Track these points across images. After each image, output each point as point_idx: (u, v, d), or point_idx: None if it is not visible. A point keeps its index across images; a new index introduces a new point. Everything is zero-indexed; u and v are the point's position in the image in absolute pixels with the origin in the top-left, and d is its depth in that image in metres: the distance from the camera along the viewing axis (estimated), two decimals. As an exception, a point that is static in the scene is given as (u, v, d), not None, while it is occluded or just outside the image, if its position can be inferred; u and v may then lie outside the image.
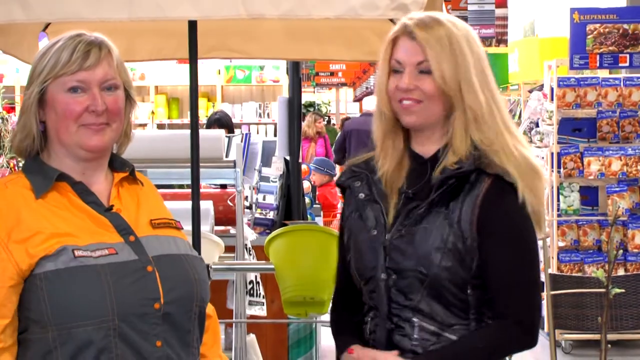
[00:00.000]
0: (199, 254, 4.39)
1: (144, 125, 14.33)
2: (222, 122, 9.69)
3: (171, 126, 14.62)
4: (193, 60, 4.67)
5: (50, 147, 2.58)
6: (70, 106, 2.51)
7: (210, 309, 2.76)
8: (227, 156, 6.15)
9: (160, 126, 14.57)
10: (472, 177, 2.63)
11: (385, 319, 2.69)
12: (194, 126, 4.71)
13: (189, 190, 4.82)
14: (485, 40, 12.97)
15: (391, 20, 4.89)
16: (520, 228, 2.62)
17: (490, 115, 2.66)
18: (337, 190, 14.73)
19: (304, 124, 14.69)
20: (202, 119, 12.00)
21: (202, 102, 14.81)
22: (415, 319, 2.63)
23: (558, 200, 9.12)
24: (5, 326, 2.42)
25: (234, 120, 14.10)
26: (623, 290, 5.29)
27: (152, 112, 14.45)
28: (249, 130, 13.71)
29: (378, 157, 2.76)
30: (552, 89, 9.21)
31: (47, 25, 5.10)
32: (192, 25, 4.58)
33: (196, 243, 4.57)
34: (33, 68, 2.56)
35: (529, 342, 2.65)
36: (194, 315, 2.59)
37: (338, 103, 22.53)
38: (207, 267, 4.34)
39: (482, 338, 2.63)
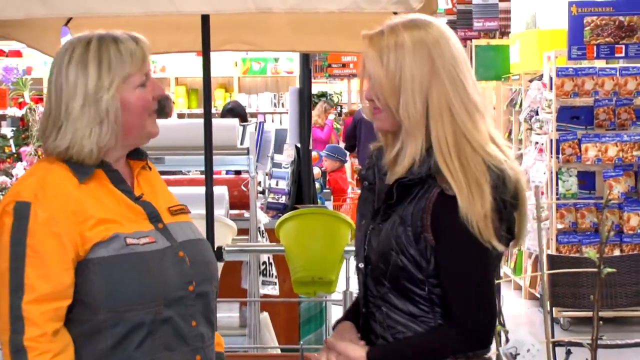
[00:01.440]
0: (213, 236, 4.60)
1: (165, 115, 14.46)
2: (235, 112, 9.79)
3: (191, 115, 14.64)
4: (206, 52, 4.73)
5: None
6: (144, 99, 2.61)
7: None
8: (241, 144, 6.21)
9: (181, 115, 14.59)
10: (426, 183, 2.58)
11: (362, 304, 2.72)
12: (207, 115, 4.76)
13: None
14: (489, 33, 13.20)
15: (395, 13, 5.04)
16: (461, 239, 2.53)
17: (426, 125, 2.58)
18: (348, 175, 14.66)
19: (314, 113, 14.62)
20: (220, 108, 12.22)
21: (219, 92, 14.96)
22: (384, 308, 2.64)
23: (557, 184, 9.22)
24: (67, 307, 2.48)
25: (250, 110, 14.24)
26: (615, 270, 5.38)
27: (173, 103, 14.62)
28: (264, 119, 13.79)
29: (385, 148, 2.73)
30: (551, 79, 9.30)
31: (68, 20, 4.98)
32: (205, 19, 4.63)
33: (210, 226, 4.65)
34: (85, 80, 2.54)
35: (469, 347, 2.60)
36: (214, 295, 2.70)
37: (350, 93, 22.65)
38: (220, 249, 4.52)
39: (423, 338, 2.61)
